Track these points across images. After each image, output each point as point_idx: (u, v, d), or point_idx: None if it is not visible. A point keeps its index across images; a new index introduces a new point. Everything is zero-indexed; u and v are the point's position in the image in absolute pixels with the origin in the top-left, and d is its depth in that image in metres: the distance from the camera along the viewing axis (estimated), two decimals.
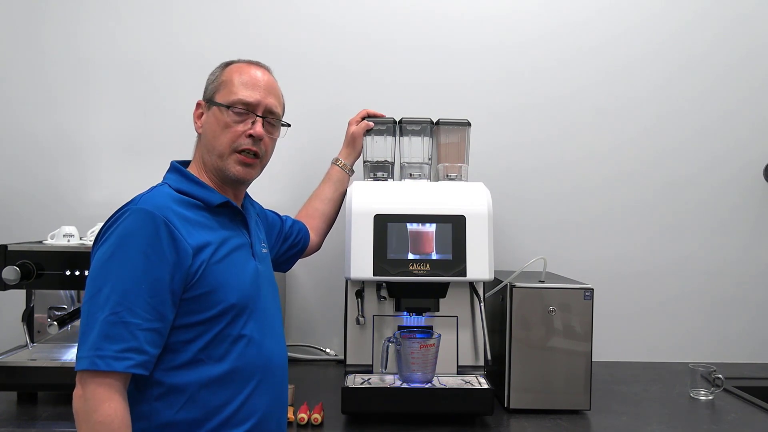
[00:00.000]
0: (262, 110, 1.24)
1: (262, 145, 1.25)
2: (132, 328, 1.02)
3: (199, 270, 1.10)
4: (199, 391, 1.09)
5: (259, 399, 1.16)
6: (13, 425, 1.43)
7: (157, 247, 1.06)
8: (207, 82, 1.28)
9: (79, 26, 2.03)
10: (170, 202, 1.13)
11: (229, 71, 1.26)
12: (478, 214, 1.50)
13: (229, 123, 1.21)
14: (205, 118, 1.25)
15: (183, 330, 1.09)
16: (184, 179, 1.21)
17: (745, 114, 2.11)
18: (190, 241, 1.10)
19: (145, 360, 1.03)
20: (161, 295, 1.05)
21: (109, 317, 1.01)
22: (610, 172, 2.10)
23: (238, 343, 1.14)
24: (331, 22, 2.05)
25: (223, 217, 1.21)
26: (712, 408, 1.65)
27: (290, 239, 1.56)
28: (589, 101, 2.09)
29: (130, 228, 1.06)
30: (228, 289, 1.13)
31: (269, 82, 1.27)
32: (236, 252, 1.19)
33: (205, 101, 1.26)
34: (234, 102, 1.21)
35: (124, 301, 1.02)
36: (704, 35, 2.09)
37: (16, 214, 2.03)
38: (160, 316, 1.05)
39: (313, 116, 2.01)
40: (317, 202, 1.67)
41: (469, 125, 1.71)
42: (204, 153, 1.24)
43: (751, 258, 2.12)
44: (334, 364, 2.01)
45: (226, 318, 1.12)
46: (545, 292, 1.59)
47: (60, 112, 2.03)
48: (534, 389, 1.59)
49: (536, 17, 2.08)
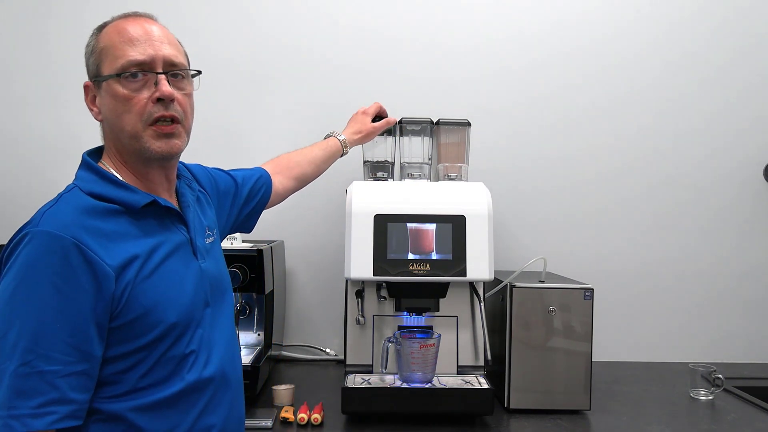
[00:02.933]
0: (161, 65, 1.00)
1: (177, 106, 1.02)
2: (50, 377, 0.86)
3: (125, 292, 0.92)
4: (140, 417, 0.95)
5: (211, 415, 1.03)
6: None
7: (70, 277, 0.88)
8: (85, 58, 1.04)
9: (83, 23, 2.02)
10: (79, 214, 0.94)
11: (104, 35, 1.02)
12: (478, 214, 1.50)
13: (127, 95, 0.98)
14: (100, 101, 1.03)
15: (117, 361, 0.93)
16: (98, 179, 1.00)
17: (744, 111, 2.10)
18: (110, 261, 0.91)
19: (73, 409, 0.88)
20: (83, 332, 0.89)
21: (19, 368, 0.85)
22: (610, 173, 2.09)
23: (185, 362, 0.99)
24: (331, 22, 2.05)
25: (149, 219, 1.01)
26: (712, 408, 1.65)
27: (252, 201, 1.39)
28: (590, 101, 2.08)
29: (32, 257, 0.88)
30: (165, 307, 0.96)
31: (159, 30, 1.03)
32: (171, 258, 1.01)
33: (91, 81, 1.03)
34: (124, 66, 0.98)
35: (36, 347, 0.86)
36: (701, 32, 2.09)
37: (17, 215, 2.00)
38: (85, 355, 0.89)
39: (313, 117, 2.01)
40: (301, 158, 1.53)
41: (469, 125, 1.71)
42: (114, 140, 1.03)
43: (752, 258, 2.12)
44: (334, 364, 2.01)
45: (167, 340, 0.96)
46: (545, 292, 1.59)
47: (61, 111, 2.03)
48: (534, 389, 1.59)
49: (534, 16, 2.07)
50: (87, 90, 1.05)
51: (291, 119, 2.04)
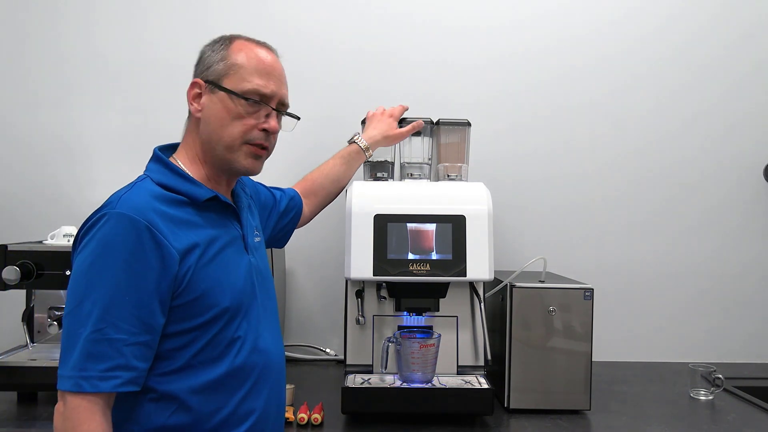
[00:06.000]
0: (276, 102, 1.14)
1: (273, 138, 1.17)
2: (117, 345, 0.96)
3: (187, 275, 1.03)
4: (192, 397, 1.04)
5: (254, 400, 1.11)
6: (13, 425, 1.43)
7: (140, 255, 0.98)
8: (206, 58, 1.14)
9: (70, 26, 2.03)
10: (152, 200, 1.03)
11: (237, 51, 1.13)
12: (478, 214, 1.50)
13: (241, 114, 1.11)
14: (207, 102, 1.12)
15: (174, 337, 1.04)
16: (168, 171, 1.11)
17: (746, 119, 2.10)
18: (176, 245, 1.02)
19: (134, 376, 0.98)
20: (148, 306, 0.99)
21: (91, 335, 0.95)
22: (611, 173, 2.09)
23: (233, 346, 1.08)
24: (330, 22, 2.05)
25: (210, 212, 1.11)
26: (712, 408, 1.65)
27: (286, 218, 1.48)
28: (591, 101, 2.08)
29: (110, 235, 0.98)
30: (220, 291, 1.07)
31: (281, 69, 1.17)
32: (227, 249, 1.11)
33: (206, 83, 1.13)
34: (248, 92, 1.11)
35: (107, 316, 0.96)
36: (701, 29, 2.09)
37: (16, 214, 2.03)
38: (148, 328, 0.99)
39: (313, 116, 2.01)
40: (324, 179, 1.58)
41: (469, 125, 1.71)
42: (204, 141, 1.13)
43: (752, 258, 2.12)
44: (334, 364, 2.01)
45: (219, 322, 1.06)
46: (545, 292, 1.59)
47: (61, 111, 2.03)
48: (534, 389, 1.59)
49: (537, 21, 2.08)
50: (195, 86, 1.14)
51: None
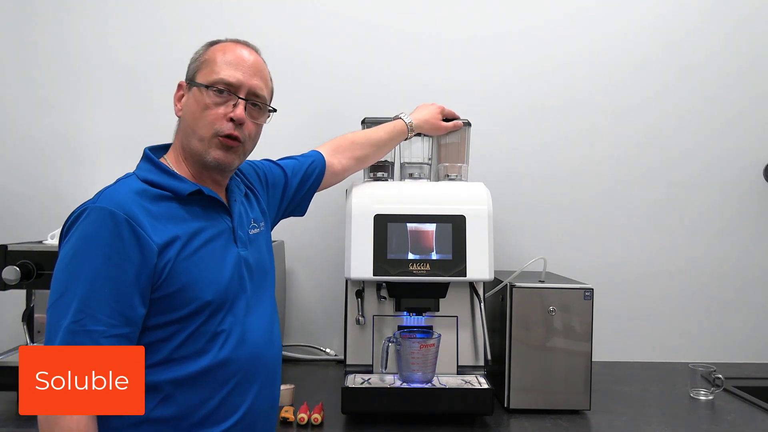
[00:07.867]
0: (244, 92, 1.15)
1: (245, 129, 1.16)
2: (95, 336, 0.98)
3: (167, 267, 1.04)
4: (174, 390, 1.05)
5: (242, 394, 1.11)
6: (13, 425, 1.42)
7: (120, 248, 1.00)
8: (189, 62, 1.20)
9: (76, 26, 2.03)
10: (134, 195, 1.06)
11: (213, 50, 1.17)
12: (478, 214, 1.50)
13: (208, 104, 1.13)
14: (185, 100, 1.17)
15: (155, 330, 1.05)
16: (154, 168, 1.14)
17: (746, 117, 2.10)
18: (155, 238, 1.03)
19: None
20: (127, 299, 1.00)
21: (70, 325, 0.97)
22: (611, 173, 2.09)
23: (217, 339, 1.09)
24: (329, 22, 2.05)
25: (195, 206, 1.13)
26: (712, 408, 1.65)
27: (305, 186, 1.48)
28: (591, 102, 2.08)
29: (89, 229, 1.01)
30: (202, 285, 1.07)
31: (256, 62, 1.19)
32: (213, 242, 1.12)
33: (185, 82, 1.18)
34: (214, 82, 1.13)
35: (86, 308, 0.98)
36: (702, 32, 2.09)
37: (16, 214, 2.03)
38: (127, 320, 1.01)
39: (313, 117, 2.01)
40: (364, 140, 1.58)
41: (469, 125, 1.71)
42: (183, 137, 1.17)
43: (751, 258, 2.12)
44: (334, 364, 2.01)
45: (201, 316, 1.07)
46: (545, 292, 1.59)
47: (60, 112, 2.03)
48: (534, 389, 1.59)
49: (534, 15, 2.08)
50: (179, 87, 1.20)
51: (291, 123, 2.04)
